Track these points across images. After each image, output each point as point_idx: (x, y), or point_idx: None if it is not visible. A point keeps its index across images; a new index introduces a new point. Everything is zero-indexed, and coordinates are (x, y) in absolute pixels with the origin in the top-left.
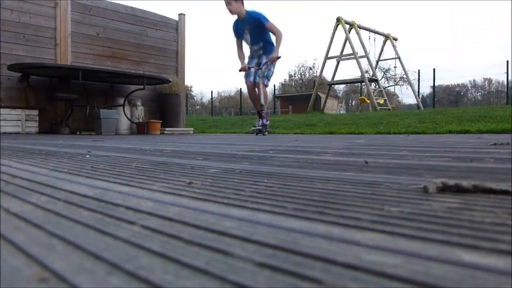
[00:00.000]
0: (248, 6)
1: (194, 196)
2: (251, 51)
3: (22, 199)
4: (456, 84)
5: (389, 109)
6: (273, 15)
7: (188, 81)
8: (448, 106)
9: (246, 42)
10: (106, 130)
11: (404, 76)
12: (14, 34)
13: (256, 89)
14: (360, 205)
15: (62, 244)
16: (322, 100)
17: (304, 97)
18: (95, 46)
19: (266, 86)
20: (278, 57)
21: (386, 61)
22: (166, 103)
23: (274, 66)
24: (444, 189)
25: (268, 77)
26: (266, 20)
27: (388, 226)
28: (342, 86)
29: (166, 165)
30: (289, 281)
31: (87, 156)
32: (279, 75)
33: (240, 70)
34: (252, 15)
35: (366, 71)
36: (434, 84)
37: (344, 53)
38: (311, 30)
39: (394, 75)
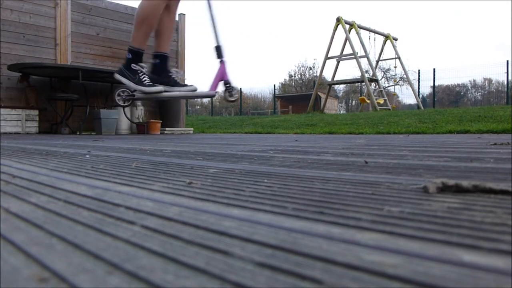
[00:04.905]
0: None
1: (194, 196)
2: None
3: (22, 199)
4: (456, 84)
5: (389, 109)
6: (274, 15)
7: (188, 81)
8: (448, 106)
9: None
10: (106, 130)
11: (404, 76)
12: (14, 34)
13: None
14: (360, 205)
15: (62, 244)
16: (322, 100)
17: (304, 97)
18: (95, 46)
19: None
20: None
21: (386, 61)
22: (166, 103)
23: None
24: (444, 189)
25: None
26: None
27: (388, 226)
28: (342, 86)
29: (166, 165)
30: (289, 281)
31: (87, 156)
32: (279, 75)
33: None
34: None
35: (366, 71)
36: (434, 84)
37: (344, 53)
38: (311, 30)
39: (394, 75)
